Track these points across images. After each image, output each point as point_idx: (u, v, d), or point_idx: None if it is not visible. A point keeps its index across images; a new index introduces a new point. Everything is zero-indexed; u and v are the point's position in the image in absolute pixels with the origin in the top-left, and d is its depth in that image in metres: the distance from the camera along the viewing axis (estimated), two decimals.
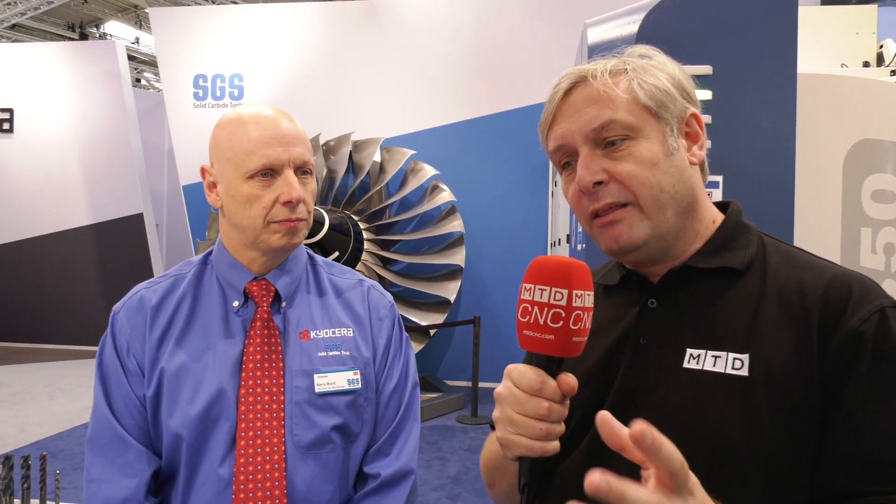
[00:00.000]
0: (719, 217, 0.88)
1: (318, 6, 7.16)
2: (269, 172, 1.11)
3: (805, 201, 2.85)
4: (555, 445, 0.73)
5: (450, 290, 6.07)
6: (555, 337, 0.70)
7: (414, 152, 6.41)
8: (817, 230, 2.91)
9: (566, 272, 0.71)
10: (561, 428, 0.73)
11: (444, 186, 6.31)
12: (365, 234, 6.04)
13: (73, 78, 8.48)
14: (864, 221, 2.91)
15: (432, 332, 6.06)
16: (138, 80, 15.85)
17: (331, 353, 1.18)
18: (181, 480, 1.11)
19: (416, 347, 5.94)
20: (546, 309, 0.71)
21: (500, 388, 0.75)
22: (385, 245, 6.13)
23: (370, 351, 1.23)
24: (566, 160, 0.86)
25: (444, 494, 3.90)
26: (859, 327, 0.74)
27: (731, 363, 0.77)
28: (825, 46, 4.04)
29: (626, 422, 0.77)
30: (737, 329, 0.79)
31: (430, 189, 6.36)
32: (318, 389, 1.15)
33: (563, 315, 0.70)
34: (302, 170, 1.15)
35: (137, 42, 14.32)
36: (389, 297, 1.33)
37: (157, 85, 15.90)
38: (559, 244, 5.54)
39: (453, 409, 5.69)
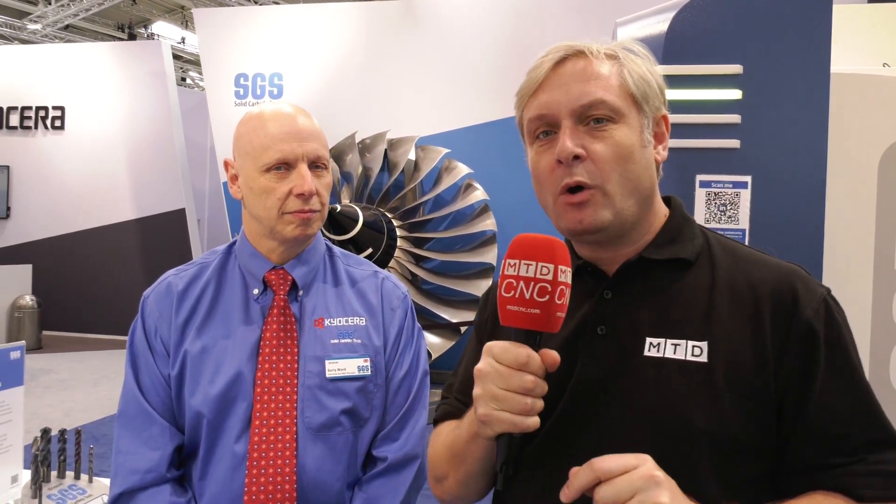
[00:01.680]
0: (665, 211, 0.92)
1: (355, 6, 7.27)
2: (284, 166, 1.18)
3: (837, 204, 2.80)
4: (535, 420, 0.73)
5: (481, 289, 6.10)
6: (540, 311, 0.71)
7: (448, 151, 6.45)
8: (849, 234, 2.86)
9: (551, 248, 0.72)
10: (541, 403, 0.74)
11: (478, 185, 6.34)
12: (398, 232, 6.11)
13: (120, 77, 8.76)
14: None
15: (463, 329, 6.10)
16: (183, 79, 16.28)
17: (343, 341, 1.24)
18: (201, 455, 1.18)
19: (447, 344, 5.99)
20: (532, 283, 0.71)
21: (481, 365, 0.75)
22: (418, 242, 6.20)
23: (381, 340, 1.28)
24: (544, 129, 0.86)
25: None
26: (812, 319, 0.80)
27: (690, 350, 0.80)
28: (867, 45, 3.94)
29: (589, 410, 0.84)
30: (693, 318, 0.82)
31: (463, 187, 6.40)
32: (328, 375, 1.21)
33: (550, 289, 0.71)
34: (316, 164, 1.21)
35: (183, 42, 14.71)
36: (403, 288, 1.38)
37: (201, 84, 16.29)
38: None
39: None
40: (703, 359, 0.79)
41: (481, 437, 0.77)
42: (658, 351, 0.81)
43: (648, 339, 0.82)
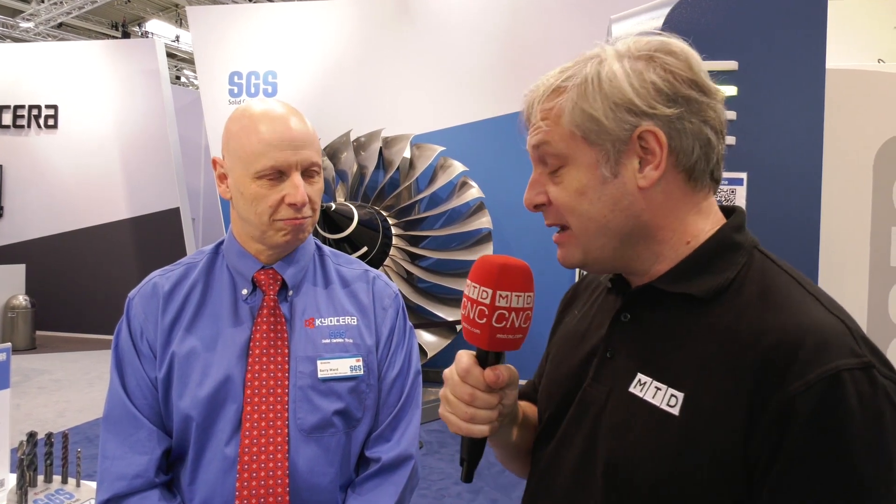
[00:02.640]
0: (703, 235, 0.78)
1: (350, 3, 7.23)
2: (277, 174, 1.15)
3: (833, 200, 2.80)
4: (480, 429, 0.79)
5: None
6: (480, 332, 0.77)
7: (443, 149, 6.44)
8: (845, 230, 2.86)
9: (494, 273, 0.76)
10: (490, 414, 0.79)
11: (473, 183, 6.32)
12: (394, 230, 6.09)
13: (114, 75, 8.71)
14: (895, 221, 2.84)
15: (458, 327, 6.09)
16: (178, 78, 16.21)
17: (334, 341, 1.22)
18: (190, 459, 1.16)
19: (443, 343, 5.98)
20: (475, 305, 0.77)
21: (448, 369, 0.82)
22: (413, 241, 6.18)
23: (373, 339, 1.26)
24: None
25: (466, 489, 3.93)
26: (798, 395, 0.63)
27: (667, 399, 0.72)
28: (861, 41, 3.94)
29: (579, 431, 0.82)
30: (683, 364, 0.73)
31: (458, 185, 6.38)
32: (320, 375, 1.19)
33: (487, 313, 0.76)
34: (309, 171, 1.18)
35: (178, 40, 14.65)
36: (395, 287, 1.36)
37: (195, 82, 16.23)
38: None
39: None
40: (675, 411, 0.70)
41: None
42: (642, 390, 0.75)
43: (639, 375, 0.76)
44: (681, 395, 0.71)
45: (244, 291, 1.22)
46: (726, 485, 0.66)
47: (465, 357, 0.80)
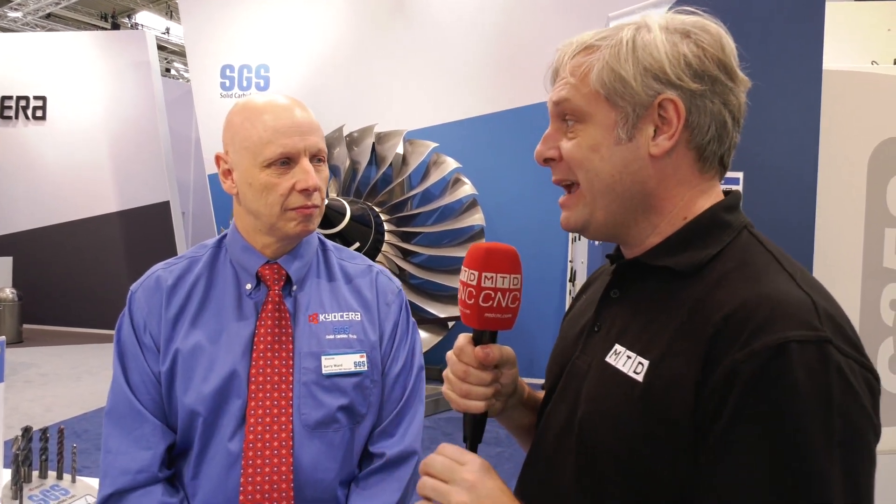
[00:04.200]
0: (698, 211, 0.80)
1: None
2: (286, 161, 1.14)
3: (827, 200, 2.81)
4: (476, 405, 0.84)
5: None
6: (470, 312, 0.83)
7: (437, 145, 6.42)
8: (839, 230, 2.87)
9: (480, 257, 0.82)
10: (484, 391, 0.84)
11: (466, 179, 6.32)
12: (386, 226, 6.08)
13: (104, 67, 8.63)
14: (889, 222, 2.85)
15: (450, 324, 6.09)
16: (168, 70, 16.09)
17: (338, 336, 1.21)
18: (194, 454, 1.15)
19: (434, 339, 5.97)
20: (465, 287, 0.83)
21: (449, 351, 0.88)
22: (406, 237, 6.17)
23: (377, 335, 1.26)
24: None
25: None
26: (743, 362, 0.63)
27: (634, 366, 0.74)
28: (855, 43, 3.96)
29: (563, 400, 0.85)
30: (653, 333, 0.75)
31: (451, 182, 6.38)
32: (325, 371, 1.18)
33: (474, 293, 0.81)
34: (317, 157, 1.18)
35: (168, 32, 14.54)
36: (398, 282, 1.36)
37: (185, 75, 16.11)
38: (579, 239, 5.52)
39: None
40: (640, 377, 0.73)
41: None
42: (615, 359, 0.77)
43: (616, 345, 0.79)
44: (646, 363, 0.73)
45: (248, 286, 1.21)
46: (682, 450, 0.68)
47: (462, 337, 0.86)
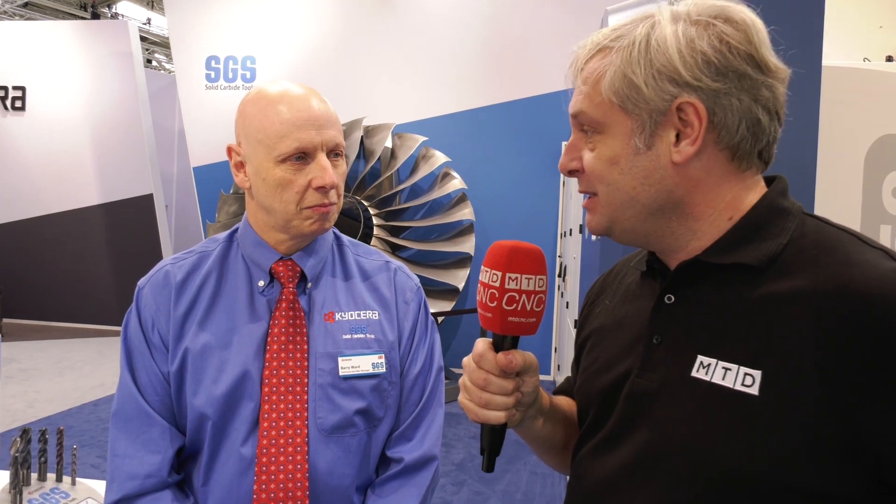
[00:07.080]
0: (747, 206, 0.75)
1: None
2: (302, 156, 1.09)
3: (825, 196, 2.82)
4: (496, 415, 0.79)
5: (459, 278, 6.06)
6: (492, 315, 0.77)
7: (426, 139, 6.38)
8: None
9: (504, 256, 0.76)
10: (505, 401, 0.78)
11: (455, 174, 6.28)
12: (374, 221, 6.03)
13: (85, 57, 8.44)
14: (885, 219, 2.88)
15: (440, 319, 6.06)
16: (149, 62, 15.84)
17: (356, 336, 1.16)
18: (204, 459, 1.10)
19: None
20: (486, 289, 0.77)
21: (466, 357, 0.82)
22: (395, 231, 6.12)
23: (395, 334, 1.21)
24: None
25: (450, 481, 3.91)
26: None
27: (741, 378, 0.67)
28: (847, 39, 3.98)
29: (632, 428, 0.78)
30: (751, 338, 0.68)
31: (440, 176, 6.34)
32: (342, 373, 1.13)
33: (497, 296, 0.76)
34: (334, 152, 1.13)
35: (149, 23, 14.30)
36: (416, 279, 1.31)
37: (167, 66, 15.88)
38: (570, 234, 5.51)
39: None
40: (754, 391, 0.66)
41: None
42: (707, 373, 0.70)
43: (700, 358, 0.71)
44: (758, 374, 0.66)
45: (261, 283, 1.16)
46: (823, 463, 0.63)
47: (480, 343, 0.80)
